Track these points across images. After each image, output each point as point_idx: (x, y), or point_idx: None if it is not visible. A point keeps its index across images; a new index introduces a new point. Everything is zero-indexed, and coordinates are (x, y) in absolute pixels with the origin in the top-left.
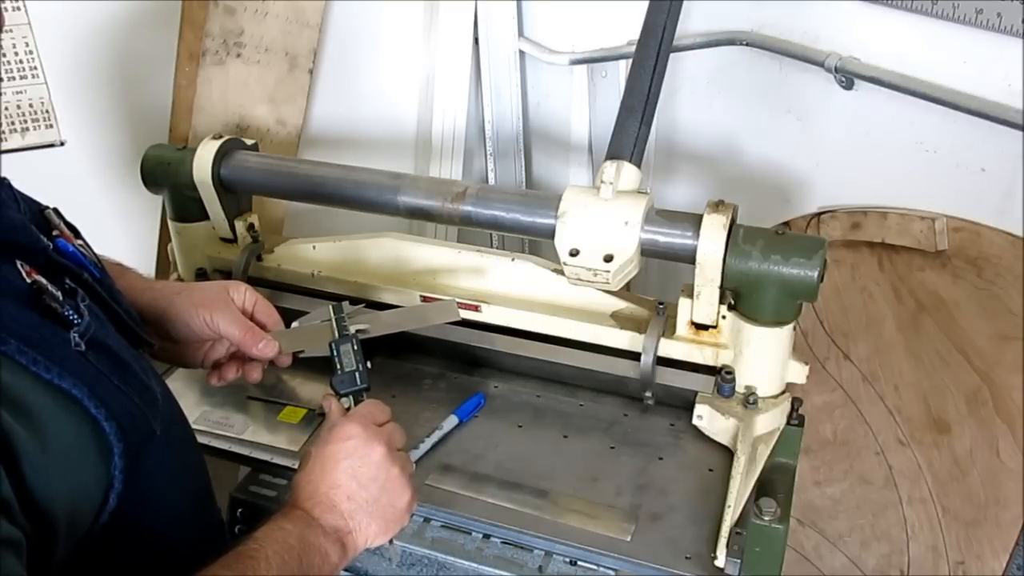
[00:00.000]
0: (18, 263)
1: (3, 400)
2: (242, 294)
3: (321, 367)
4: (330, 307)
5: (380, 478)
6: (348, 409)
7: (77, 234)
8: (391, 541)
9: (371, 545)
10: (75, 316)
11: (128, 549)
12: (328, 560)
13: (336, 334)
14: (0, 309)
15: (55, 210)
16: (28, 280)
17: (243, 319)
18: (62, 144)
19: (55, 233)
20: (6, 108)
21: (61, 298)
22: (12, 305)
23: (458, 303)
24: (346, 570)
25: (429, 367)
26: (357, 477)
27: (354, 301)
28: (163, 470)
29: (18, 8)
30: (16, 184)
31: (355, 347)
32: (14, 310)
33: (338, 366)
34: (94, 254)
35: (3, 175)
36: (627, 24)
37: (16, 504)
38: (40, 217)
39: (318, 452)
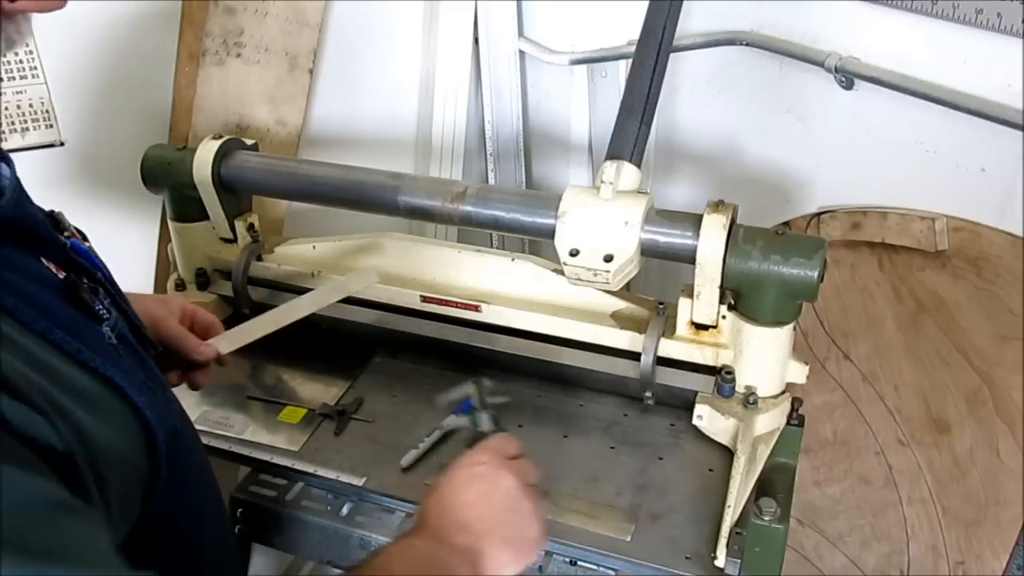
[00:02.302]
0: (42, 259)
1: (65, 388)
2: (177, 304)
3: (322, 368)
4: (471, 384)
5: (510, 505)
6: None
7: (84, 236)
8: None
9: (502, 573)
10: (104, 311)
11: (164, 546)
12: None
13: (480, 405)
14: (42, 299)
15: (60, 213)
16: (59, 275)
17: (180, 327)
18: (62, 144)
19: (67, 233)
20: (6, 108)
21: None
22: (52, 296)
23: (458, 303)
24: (346, 570)
25: (429, 367)
26: (488, 500)
27: (354, 301)
28: (186, 467)
29: None
30: None
31: (493, 415)
32: (53, 301)
33: (478, 429)
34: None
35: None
36: (627, 24)
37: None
38: (50, 217)
39: (447, 479)
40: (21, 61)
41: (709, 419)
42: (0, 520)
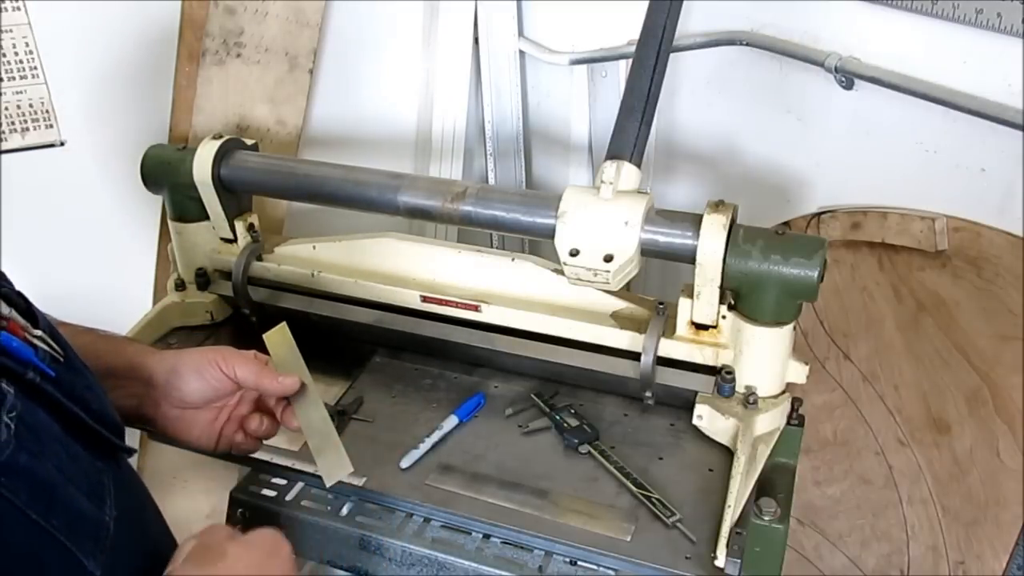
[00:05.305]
0: None
1: None
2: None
3: (322, 368)
4: (532, 396)
5: None
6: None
7: (36, 323)
8: None
9: None
10: None
11: None
12: None
13: (550, 409)
14: None
15: (16, 292)
16: None
17: (254, 360)
18: (62, 144)
19: (2, 324)
20: (6, 108)
21: None
22: None
23: (458, 303)
24: (346, 570)
25: (429, 367)
26: None
27: (354, 301)
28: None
29: (18, 8)
30: (16, 184)
31: (572, 411)
32: None
33: (566, 425)
34: (55, 344)
35: None
36: (627, 24)
37: None
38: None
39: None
40: (21, 61)
41: (709, 419)
42: None
